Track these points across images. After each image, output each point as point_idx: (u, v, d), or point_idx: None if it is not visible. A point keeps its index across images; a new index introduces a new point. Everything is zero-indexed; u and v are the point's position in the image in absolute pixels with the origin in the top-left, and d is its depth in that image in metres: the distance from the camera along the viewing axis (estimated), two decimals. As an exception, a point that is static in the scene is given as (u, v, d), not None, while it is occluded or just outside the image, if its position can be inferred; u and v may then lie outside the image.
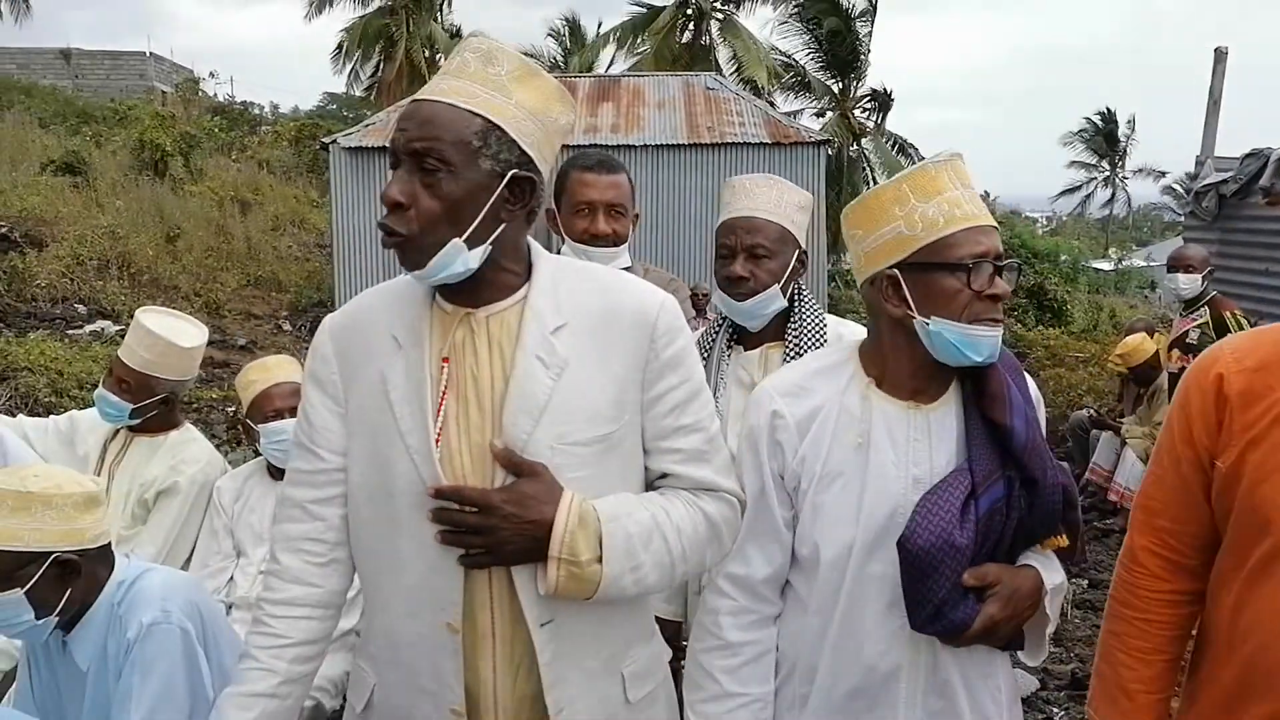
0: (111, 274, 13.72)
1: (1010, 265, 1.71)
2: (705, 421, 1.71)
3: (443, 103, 1.54)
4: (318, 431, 1.69)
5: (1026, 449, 1.71)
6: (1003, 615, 1.69)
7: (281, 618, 1.68)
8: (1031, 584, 1.73)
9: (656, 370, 1.64)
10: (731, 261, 2.46)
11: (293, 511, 1.71)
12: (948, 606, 1.67)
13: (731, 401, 2.48)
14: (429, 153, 1.52)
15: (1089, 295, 23.40)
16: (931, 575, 1.66)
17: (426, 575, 1.60)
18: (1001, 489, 1.70)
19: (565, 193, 2.94)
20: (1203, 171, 10.51)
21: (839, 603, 1.78)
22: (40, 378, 8.53)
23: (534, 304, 1.62)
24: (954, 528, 1.66)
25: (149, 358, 3.25)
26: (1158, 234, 57.40)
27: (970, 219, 1.69)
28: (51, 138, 20.65)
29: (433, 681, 1.62)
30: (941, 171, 1.71)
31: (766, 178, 2.54)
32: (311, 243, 20.69)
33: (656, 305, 1.66)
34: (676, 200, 17.29)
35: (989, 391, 1.74)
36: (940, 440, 1.76)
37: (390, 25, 30.72)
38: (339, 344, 1.69)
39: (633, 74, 22.94)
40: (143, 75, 32.42)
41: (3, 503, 2.14)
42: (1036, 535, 1.76)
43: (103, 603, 2.28)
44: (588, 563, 1.53)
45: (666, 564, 1.61)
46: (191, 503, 3.30)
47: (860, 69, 27.25)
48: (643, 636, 1.79)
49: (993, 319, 1.69)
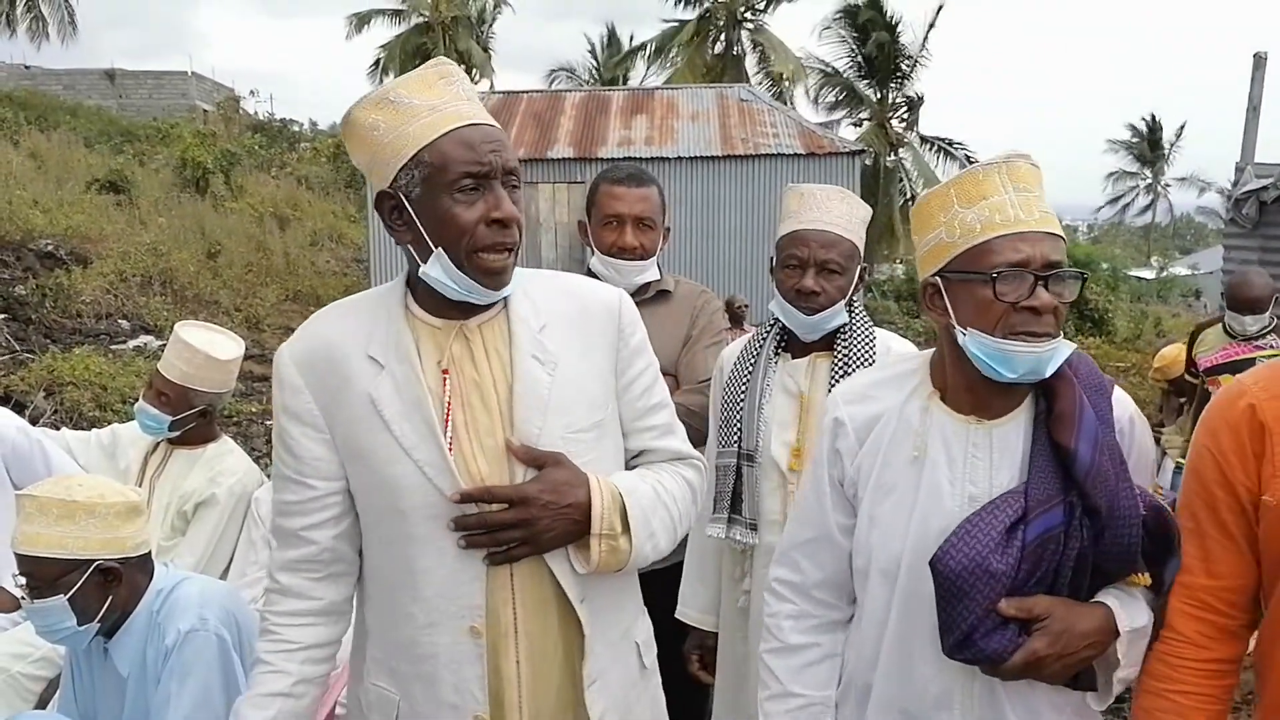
0: (154, 290, 13.93)
1: (1060, 275, 1.58)
2: (666, 398, 1.85)
3: (496, 125, 1.64)
4: (305, 463, 1.70)
5: (1090, 475, 1.57)
6: (1049, 652, 1.57)
7: (287, 626, 1.72)
8: (1093, 623, 1.59)
9: (626, 357, 1.75)
10: (802, 274, 2.42)
11: (287, 539, 1.74)
12: (979, 634, 1.58)
13: (777, 409, 2.48)
14: (515, 171, 1.62)
15: (1131, 304, 23.14)
16: (962, 600, 1.57)
17: (447, 584, 1.63)
18: (1059, 515, 1.58)
19: (595, 205, 2.94)
20: (1242, 178, 10.36)
21: (890, 619, 1.73)
22: (85, 392, 8.69)
23: (516, 309, 1.69)
24: (991, 552, 1.57)
25: (187, 370, 3.31)
26: (1201, 241, 56.65)
27: (1011, 224, 1.58)
28: (96, 157, 21.00)
29: (454, 693, 1.65)
30: (991, 175, 1.62)
31: (838, 190, 2.50)
32: (349, 257, 20.90)
33: (617, 298, 1.78)
34: (711, 212, 17.32)
35: (1056, 410, 1.62)
36: (1002, 458, 1.66)
37: (427, 43, 31.04)
38: (307, 374, 1.69)
39: (666, 87, 23.02)
40: (185, 94, 32.93)
41: (48, 511, 2.20)
42: (1111, 570, 1.62)
43: (142, 610, 2.33)
44: (621, 536, 1.63)
45: (670, 529, 1.72)
46: (229, 514, 3.35)
47: (901, 78, 27.17)
48: (641, 608, 1.89)
49: (1031, 332, 1.58)
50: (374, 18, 32.11)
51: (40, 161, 18.56)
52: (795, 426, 2.45)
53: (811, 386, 2.47)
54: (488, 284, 1.61)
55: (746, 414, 2.47)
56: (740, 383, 2.52)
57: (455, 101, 1.60)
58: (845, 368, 2.41)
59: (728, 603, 2.59)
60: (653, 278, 2.97)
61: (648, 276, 2.95)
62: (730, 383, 2.55)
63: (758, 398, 2.48)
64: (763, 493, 2.45)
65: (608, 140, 18.04)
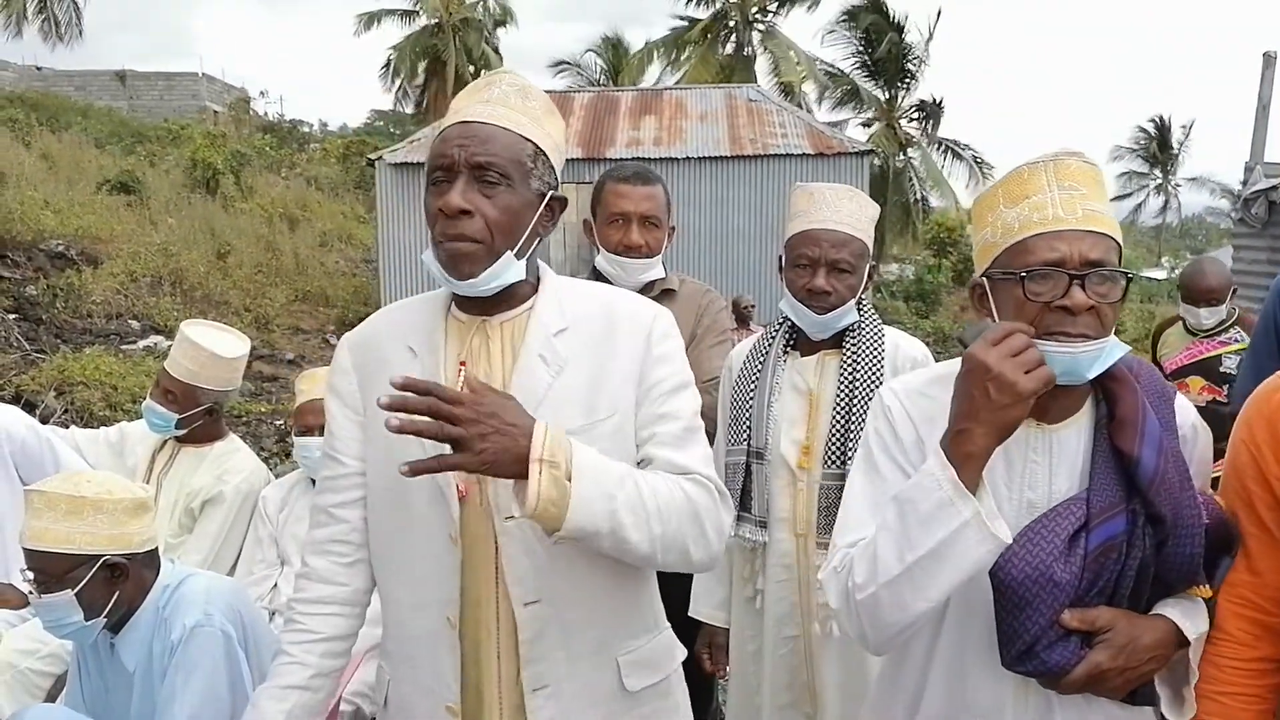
0: (164, 290, 14.01)
1: (1099, 274, 1.52)
2: (686, 413, 1.75)
3: (497, 125, 1.64)
4: (339, 439, 1.79)
5: (1154, 483, 1.52)
6: (1112, 665, 1.52)
7: (312, 615, 1.78)
8: (1157, 636, 1.54)
9: (649, 365, 1.72)
10: (813, 274, 2.43)
11: (320, 517, 1.82)
12: (1041, 646, 1.52)
13: (787, 407, 2.49)
14: (492, 166, 1.61)
15: (1141, 304, 23.07)
16: (1024, 610, 1.52)
17: (431, 571, 1.67)
18: (1122, 524, 1.53)
19: (601, 204, 2.96)
20: (1251, 178, 10.32)
21: (944, 627, 1.68)
22: (95, 392, 8.75)
23: (540, 311, 1.72)
24: (1055, 561, 1.51)
25: (193, 368, 3.33)
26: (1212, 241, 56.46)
27: (1049, 223, 1.54)
28: (107, 157, 21.12)
29: (431, 677, 1.70)
30: (1037, 173, 1.59)
31: (846, 189, 2.50)
32: (358, 258, 20.97)
33: (652, 313, 1.75)
34: (719, 212, 17.32)
35: (1118, 416, 1.57)
36: (1061, 463, 1.61)
37: (438, 45, 31.12)
38: (357, 358, 1.79)
39: (675, 87, 23.03)
40: (195, 95, 33.10)
41: (56, 507, 2.22)
42: (1173, 582, 1.56)
43: (148, 606, 2.35)
44: (565, 471, 1.49)
45: (641, 513, 1.56)
46: (236, 511, 3.38)
47: (909, 78, 27.15)
48: (645, 629, 1.81)
49: (1065, 333, 1.52)
50: (384, 17, 32.20)
51: (51, 162, 18.67)
52: (805, 424, 2.46)
53: (820, 384, 2.47)
54: (451, 273, 1.64)
55: (756, 411, 2.48)
56: (750, 381, 2.53)
57: (473, 103, 1.67)
58: (854, 366, 2.42)
59: (738, 600, 2.60)
60: (658, 276, 2.98)
61: (653, 275, 2.96)
62: (740, 381, 2.56)
63: (767, 395, 2.49)
64: (773, 491, 2.46)
65: (616, 141, 18.06)
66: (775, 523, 2.45)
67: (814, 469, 2.41)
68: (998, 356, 1.44)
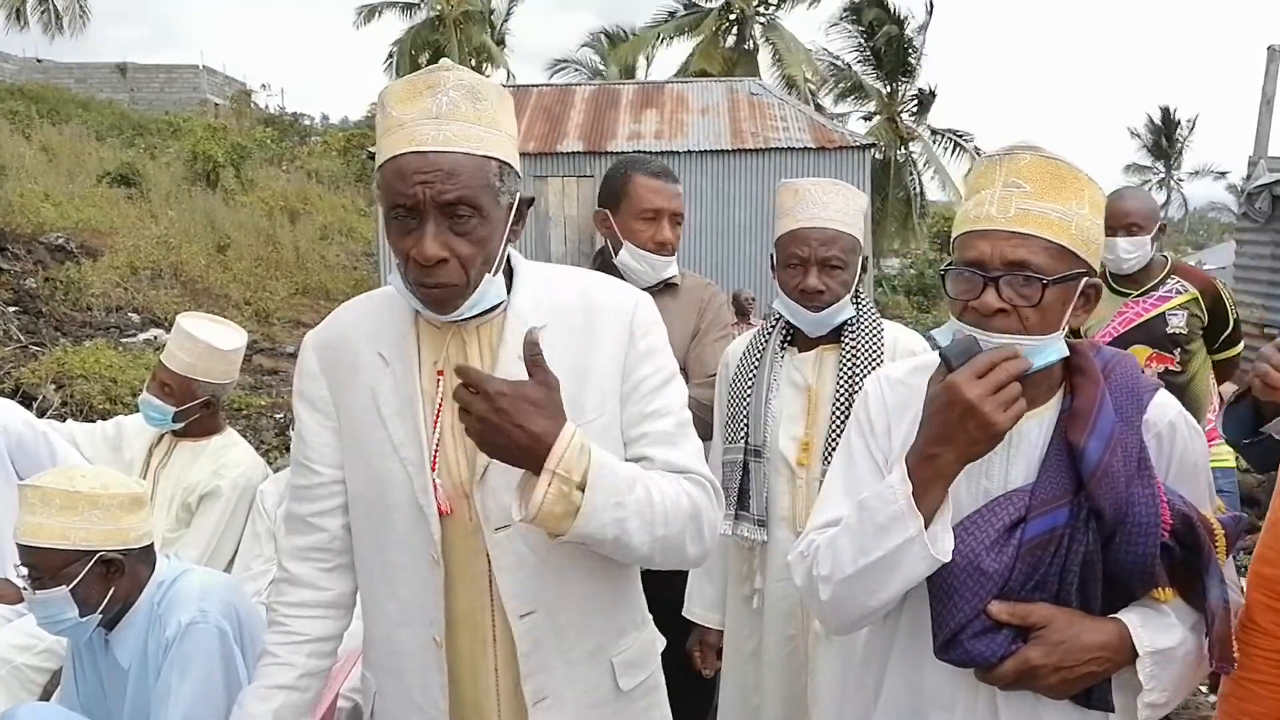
0: (164, 283, 13.99)
1: (1016, 276, 1.51)
2: (675, 407, 1.71)
3: (459, 152, 1.52)
4: (312, 448, 1.73)
5: (1095, 475, 1.50)
6: (1044, 662, 1.50)
7: (296, 617, 1.75)
8: (1101, 639, 1.52)
9: (634, 360, 1.68)
10: (805, 273, 2.41)
11: (297, 525, 1.77)
12: (966, 635, 1.52)
13: (785, 403, 2.46)
14: (461, 202, 1.51)
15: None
16: (951, 598, 1.53)
17: (416, 589, 1.64)
18: (1064, 516, 1.52)
19: (628, 197, 2.91)
20: (1255, 172, 10.29)
21: (902, 612, 1.68)
22: (95, 385, 8.72)
23: (517, 308, 1.65)
24: (984, 551, 1.52)
25: (190, 361, 3.32)
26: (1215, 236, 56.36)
27: (982, 220, 1.54)
28: (107, 150, 21.09)
29: (421, 695, 1.67)
30: (993, 167, 1.58)
31: (832, 183, 2.48)
32: (359, 251, 20.93)
33: (633, 301, 1.71)
34: (721, 206, 17.28)
35: (1073, 407, 1.57)
36: (1019, 454, 1.60)
37: (440, 39, 31.04)
38: (325, 361, 1.72)
39: (676, 80, 22.98)
40: (196, 88, 33.01)
41: (50, 502, 2.20)
42: (1128, 583, 1.54)
43: (143, 602, 2.33)
44: (577, 485, 1.47)
45: (647, 516, 1.55)
46: (233, 506, 3.35)
47: (909, 72, 27.11)
48: (634, 625, 1.79)
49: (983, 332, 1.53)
50: (385, 10, 32.11)
51: (52, 155, 18.65)
52: (804, 420, 2.44)
53: (819, 380, 2.45)
54: (434, 310, 1.59)
55: (754, 408, 2.46)
56: (747, 377, 2.50)
57: (419, 122, 1.52)
58: (853, 360, 2.40)
59: (734, 599, 2.57)
60: (675, 273, 2.96)
61: (673, 271, 2.95)
62: (736, 378, 2.53)
63: (765, 391, 2.46)
64: (772, 488, 2.43)
65: (617, 134, 18.01)
66: (775, 521, 2.43)
67: (813, 466, 2.39)
68: (980, 394, 1.46)
